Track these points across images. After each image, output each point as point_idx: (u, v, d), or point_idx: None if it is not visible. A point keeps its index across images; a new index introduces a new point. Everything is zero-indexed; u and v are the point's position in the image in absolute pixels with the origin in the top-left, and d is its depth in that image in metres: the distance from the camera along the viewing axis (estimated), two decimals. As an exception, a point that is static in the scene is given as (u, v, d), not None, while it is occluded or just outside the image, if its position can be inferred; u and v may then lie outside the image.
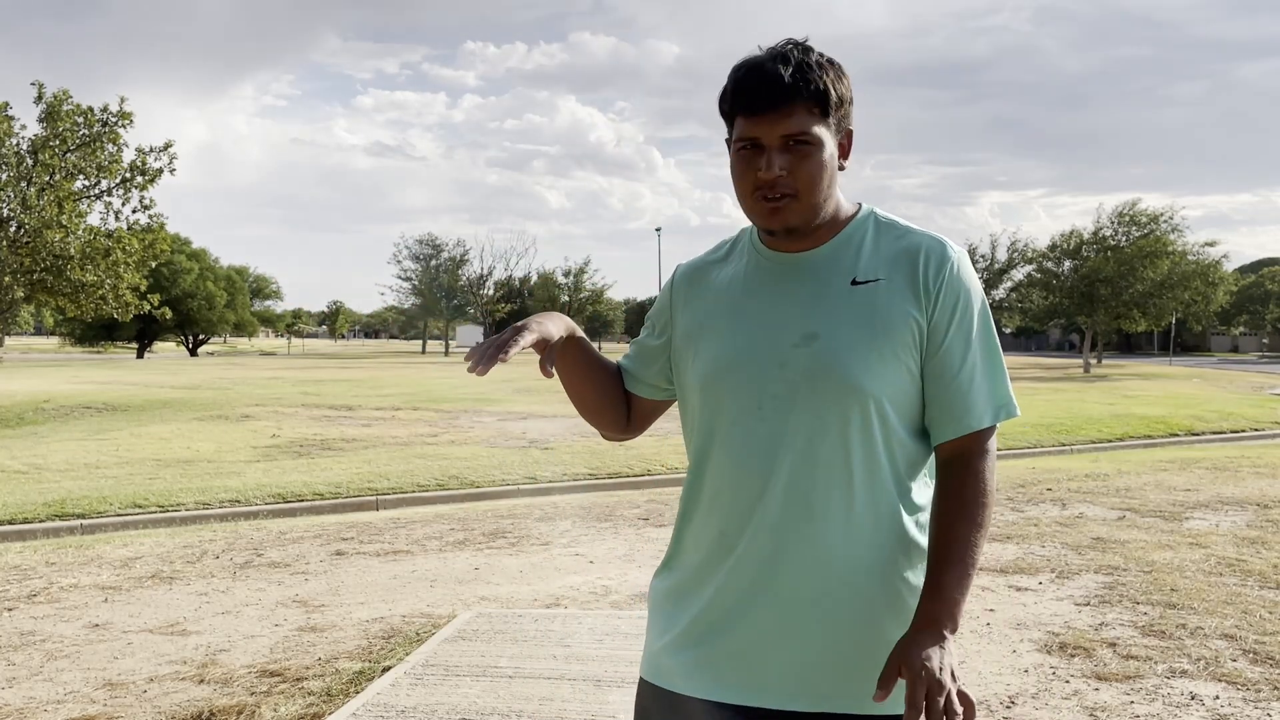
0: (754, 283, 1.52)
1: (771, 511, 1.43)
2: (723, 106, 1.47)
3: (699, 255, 1.67)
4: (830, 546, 1.42)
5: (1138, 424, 15.46)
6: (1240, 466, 9.93)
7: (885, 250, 1.47)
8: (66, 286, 17.98)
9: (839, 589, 1.42)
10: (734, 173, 1.45)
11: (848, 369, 1.41)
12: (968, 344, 1.45)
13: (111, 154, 18.64)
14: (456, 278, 58.36)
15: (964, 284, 1.46)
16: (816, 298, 1.46)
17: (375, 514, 8.64)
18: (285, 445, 12.64)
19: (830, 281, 1.46)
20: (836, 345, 1.42)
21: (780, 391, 1.44)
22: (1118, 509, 7.50)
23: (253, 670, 4.10)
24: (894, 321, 1.42)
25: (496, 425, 14.92)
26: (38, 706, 3.73)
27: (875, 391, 1.41)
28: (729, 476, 1.47)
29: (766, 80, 1.39)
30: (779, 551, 1.43)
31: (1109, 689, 3.70)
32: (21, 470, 10.55)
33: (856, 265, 1.46)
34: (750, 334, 1.48)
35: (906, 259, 1.45)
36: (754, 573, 1.44)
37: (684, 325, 1.58)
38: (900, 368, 1.43)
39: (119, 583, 5.69)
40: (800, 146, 1.40)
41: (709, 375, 1.51)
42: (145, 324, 49.39)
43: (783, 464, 1.43)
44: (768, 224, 1.44)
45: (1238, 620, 4.51)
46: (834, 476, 1.42)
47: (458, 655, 4.17)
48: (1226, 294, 40.97)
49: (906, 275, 1.44)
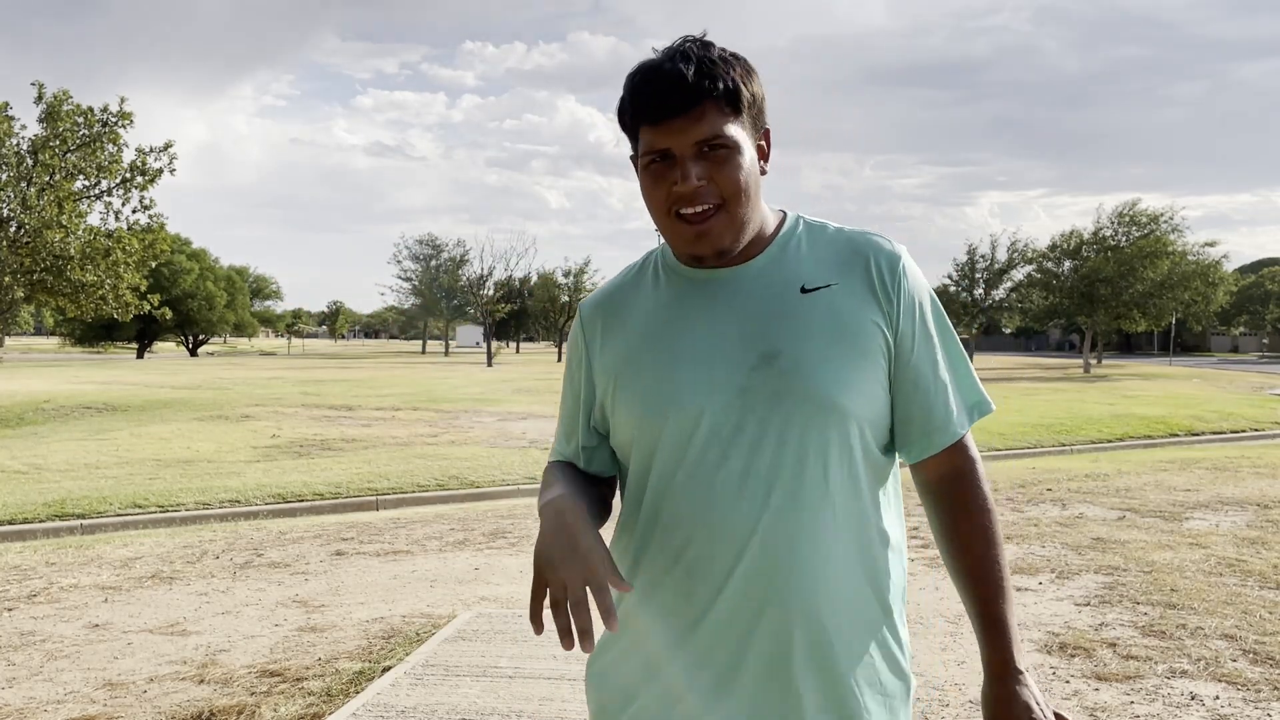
0: (683, 307, 1.33)
1: (755, 566, 1.25)
2: (623, 119, 1.31)
3: (603, 286, 1.47)
4: (822, 597, 1.26)
5: (1138, 424, 15.45)
6: (1240, 467, 9.92)
7: (826, 253, 1.32)
8: (66, 286, 17.98)
9: (833, 643, 1.27)
10: (645, 190, 1.29)
11: (821, 384, 1.24)
12: (931, 343, 1.33)
13: (111, 154, 18.63)
14: (456, 278, 58.31)
15: (919, 283, 1.34)
16: (766, 312, 1.28)
17: (375, 514, 8.63)
18: (285, 445, 12.64)
19: (776, 293, 1.29)
20: (804, 359, 1.25)
21: (744, 423, 1.25)
22: (1118, 509, 7.50)
23: (253, 670, 4.10)
24: (860, 328, 1.27)
25: (496, 425, 14.92)
26: (38, 706, 3.73)
27: (853, 407, 1.26)
28: (693, 532, 1.27)
29: (668, 82, 1.23)
30: (763, 612, 1.25)
31: (1109, 689, 3.70)
32: (21, 470, 10.55)
33: (800, 272, 1.30)
34: (692, 362, 1.29)
35: (854, 261, 1.31)
36: (736, 643, 1.26)
37: (604, 366, 1.38)
38: (875, 379, 1.28)
39: (119, 583, 5.69)
40: (717, 151, 1.24)
41: (646, 417, 1.31)
42: (145, 324, 49.39)
43: (761, 507, 1.25)
44: (694, 248, 1.27)
45: (1238, 620, 4.51)
46: (819, 514, 1.26)
47: (458, 655, 4.17)
48: (1226, 294, 40.97)
49: (860, 278, 1.30)
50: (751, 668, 1.26)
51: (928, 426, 1.32)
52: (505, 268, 51.20)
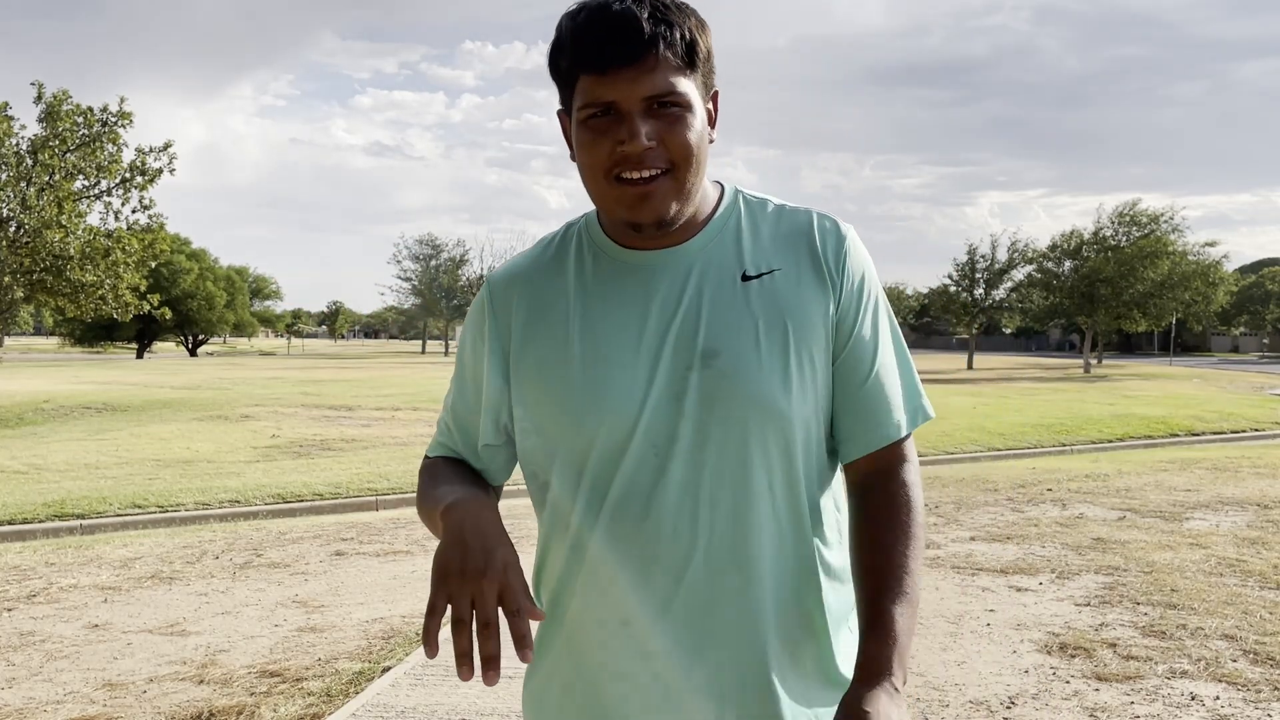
0: (608, 292, 1.18)
1: (699, 587, 1.13)
2: (555, 64, 1.13)
3: (514, 261, 1.28)
4: (766, 616, 1.15)
5: (1138, 424, 15.45)
6: (1240, 467, 9.92)
7: (768, 233, 1.19)
8: (66, 286, 17.97)
9: (775, 661, 1.16)
10: (581, 148, 1.13)
11: (762, 388, 1.12)
12: (876, 335, 1.19)
13: (111, 154, 18.62)
14: (456, 278, 58.41)
15: (867, 268, 1.20)
16: (703, 303, 1.14)
17: (375, 514, 8.63)
18: (285, 445, 12.64)
19: (716, 280, 1.15)
20: (746, 359, 1.12)
21: (682, 431, 1.13)
22: (1118, 509, 7.49)
23: (252, 671, 4.10)
24: (806, 318, 1.15)
25: (496, 425, 14.91)
26: (38, 707, 3.73)
27: (798, 412, 1.14)
28: (627, 552, 1.14)
29: (619, 26, 1.06)
30: (708, 635, 1.14)
31: (1109, 689, 3.70)
32: (21, 470, 10.55)
33: (740, 256, 1.17)
34: (625, 362, 1.15)
35: (798, 241, 1.18)
36: (681, 668, 1.15)
37: (522, 359, 1.21)
38: (818, 375, 1.16)
39: (119, 583, 5.69)
40: (669, 109, 1.09)
41: (575, 425, 1.16)
42: (145, 324, 49.40)
43: (703, 523, 1.13)
44: (635, 215, 1.11)
45: (1238, 621, 4.50)
46: (762, 527, 1.14)
47: (457, 656, 4.17)
48: (1226, 294, 40.99)
49: (805, 260, 1.17)
50: (703, 691, 1.15)
51: (860, 425, 1.19)
52: (505, 267, 51.16)
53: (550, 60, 1.14)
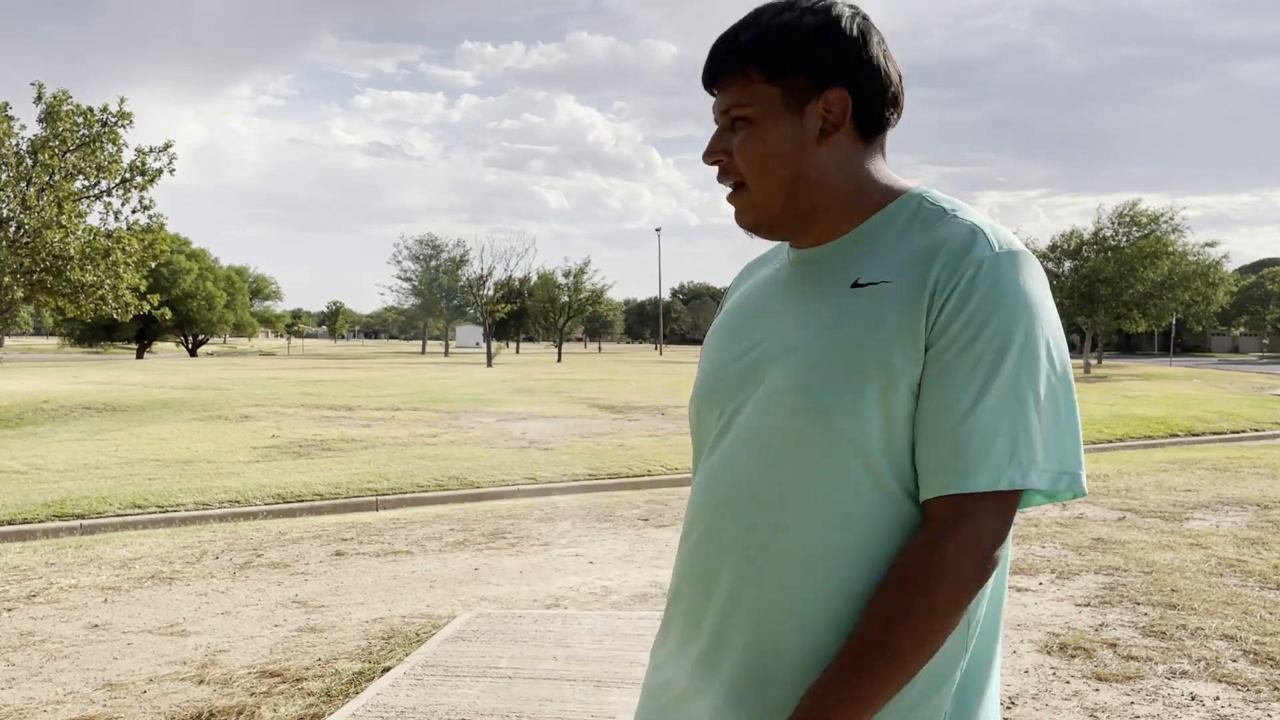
0: (767, 285, 1.26)
1: (725, 579, 1.14)
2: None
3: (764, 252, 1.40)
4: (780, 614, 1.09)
5: (1138, 424, 15.45)
6: (1240, 467, 9.92)
7: (913, 244, 1.10)
8: (66, 287, 17.96)
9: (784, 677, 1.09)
10: None
11: (813, 395, 1.08)
12: (976, 374, 1.03)
13: (111, 154, 18.61)
14: (456, 278, 58.32)
15: (992, 290, 1.04)
16: (811, 303, 1.14)
17: (375, 514, 8.63)
18: (285, 446, 12.64)
19: (833, 282, 1.13)
20: (806, 364, 1.09)
21: (751, 414, 1.13)
22: (1118, 509, 7.49)
23: (252, 671, 4.10)
24: (889, 336, 1.06)
25: (496, 425, 14.92)
26: (37, 707, 3.73)
27: (849, 428, 1.05)
28: (694, 525, 1.21)
29: (715, 49, 1.16)
30: (727, 633, 1.14)
31: (1109, 690, 3.70)
32: (21, 470, 10.55)
33: (865, 263, 1.12)
34: (738, 349, 1.20)
35: (927, 255, 1.08)
36: (703, 658, 1.17)
37: None
38: (890, 398, 1.05)
39: (119, 583, 5.69)
40: (739, 123, 1.15)
41: (695, 391, 1.26)
42: (145, 324, 49.38)
43: (743, 498, 1.13)
44: (737, 221, 1.21)
45: (1238, 621, 4.50)
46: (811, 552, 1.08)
47: (457, 656, 4.17)
48: (1227, 294, 41.00)
49: (919, 276, 1.07)
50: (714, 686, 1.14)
51: (925, 465, 1.05)
52: (505, 268, 51.23)
53: None
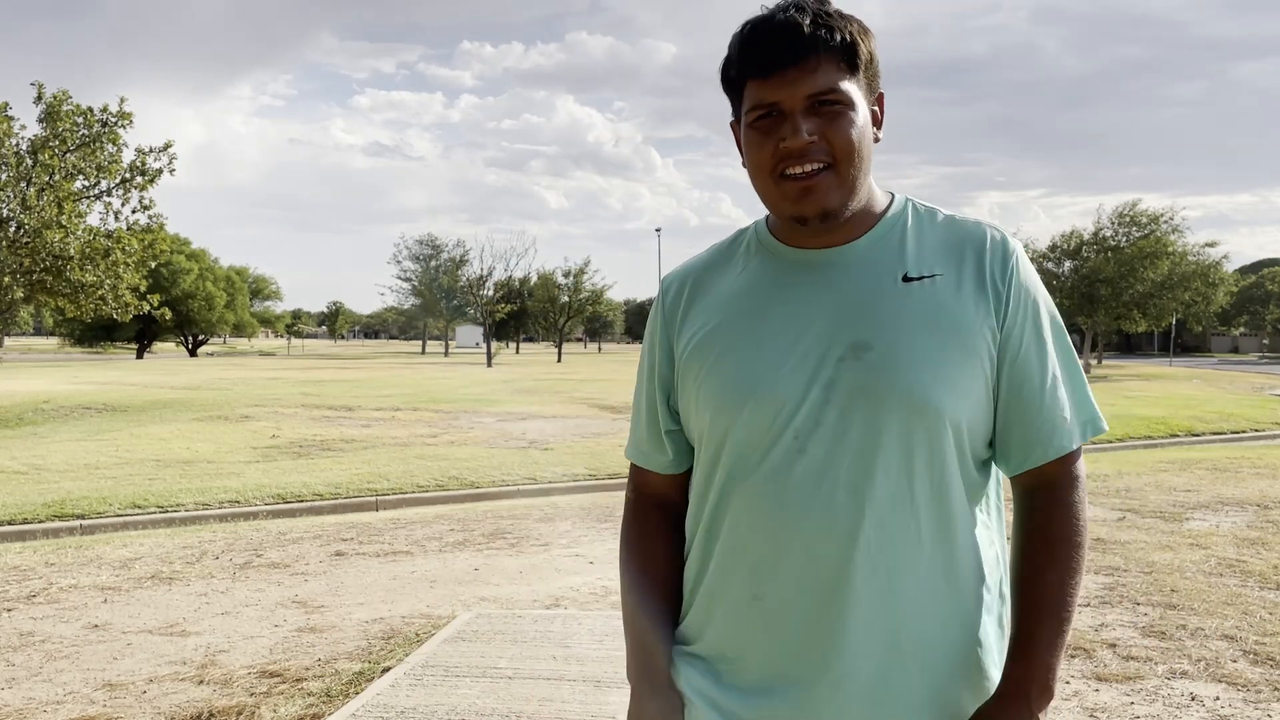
0: (774, 286, 1.24)
1: (823, 570, 1.16)
2: (728, 74, 1.22)
3: (689, 261, 1.37)
4: (897, 611, 1.16)
5: (1138, 425, 15.45)
6: (1240, 467, 9.92)
7: (934, 240, 1.22)
8: (66, 287, 17.95)
9: (908, 662, 1.17)
10: (749, 148, 1.20)
11: (915, 381, 1.14)
12: (1045, 350, 1.20)
13: (111, 154, 18.61)
14: (456, 278, 58.35)
15: (1033, 281, 1.23)
16: (861, 299, 1.19)
17: (375, 514, 8.63)
18: (285, 446, 12.64)
19: (876, 279, 1.19)
20: (898, 354, 1.15)
21: (826, 417, 1.16)
22: (1118, 510, 7.49)
23: (252, 671, 4.10)
24: (964, 323, 1.17)
25: (496, 426, 14.92)
26: (37, 707, 3.73)
27: (950, 409, 1.15)
28: (761, 528, 1.19)
29: (781, 32, 1.14)
30: (833, 620, 1.16)
31: (1109, 690, 3.70)
32: (21, 470, 10.54)
33: (904, 259, 1.20)
34: (778, 349, 1.20)
35: (966, 250, 1.21)
36: (800, 648, 1.18)
37: (685, 346, 1.29)
38: (977, 379, 1.17)
39: (118, 583, 5.69)
40: (830, 107, 1.15)
41: (724, 403, 1.22)
42: (145, 324, 49.38)
43: (834, 508, 1.15)
44: (799, 209, 1.17)
45: (1238, 621, 4.50)
46: (899, 520, 1.16)
47: (457, 656, 4.17)
48: (1227, 295, 40.99)
49: (971, 269, 1.19)
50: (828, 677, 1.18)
51: (1028, 437, 1.20)
52: (505, 268, 51.27)
53: (722, 73, 1.23)
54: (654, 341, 1.36)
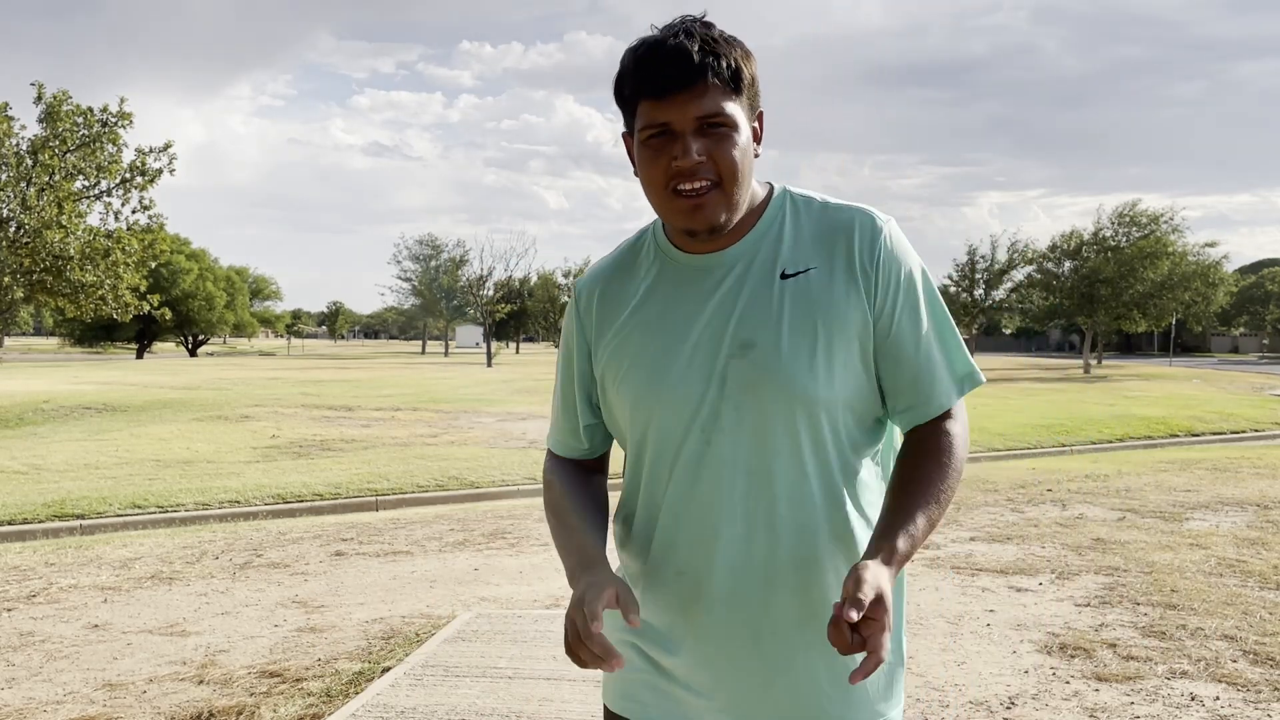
0: (670, 290, 1.37)
1: (735, 547, 1.31)
2: (621, 92, 1.31)
3: (597, 266, 1.49)
4: (804, 570, 1.31)
5: (1138, 425, 15.45)
6: (1240, 467, 9.92)
7: (809, 233, 1.34)
8: (66, 287, 17.96)
9: (821, 611, 1.31)
10: (642, 164, 1.30)
11: (793, 375, 1.27)
12: (918, 320, 1.33)
13: (111, 154, 18.61)
14: (456, 278, 58.31)
15: (902, 255, 1.33)
16: (744, 299, 1.31)
17: (375, 514, 8.63)
18: (285, 446, 12.64)
19: (758, 278, 1.32)
20: (779, 350, 1.28)
21: (724, 411, 1.30)
22: (1118, 510, 7.49)
23: (252, 671, 4.10)
24: (837, 313, 1.29)
25: (496, 426, 14.92)
26: (37, 707, 3.73)
27: (825, 396, 1.29)
28: (681, 511, 1.34)
29: (673, 57, 1.24)
30: (753, 587, 1.31)
31: (1109, 690, 3.70)
32: (21, 470, 10.54)
33: (780, 255, 1.32)
34: (678, 350, 1.33)
35: (836, 239, 1.32)
36: (729, 614, 1.32)
37: (601, 349, 1.42)
38: (851, 365, 1.30)
39: (118, 583, 5.69)
40: (716, 129, 1.26)
41: (638, 401, 1.35)
42: (145, 324, 49.39)
43: (736, 491, 1.30)
44: (689, 223, 1.29)
45: (1238, 621, 4.50)
46: (794, 495, 1.30)
47: (457, 656, 4.17)
48: (1226, 295, 41.00)
49: (842, 258, 1.31)
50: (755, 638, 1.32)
51: (913, 399, 1.34)
52: (505, 268, 51.32)
53: (615, 88, 1.32)
54: (571, 345, 1.48)
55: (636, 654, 1.41)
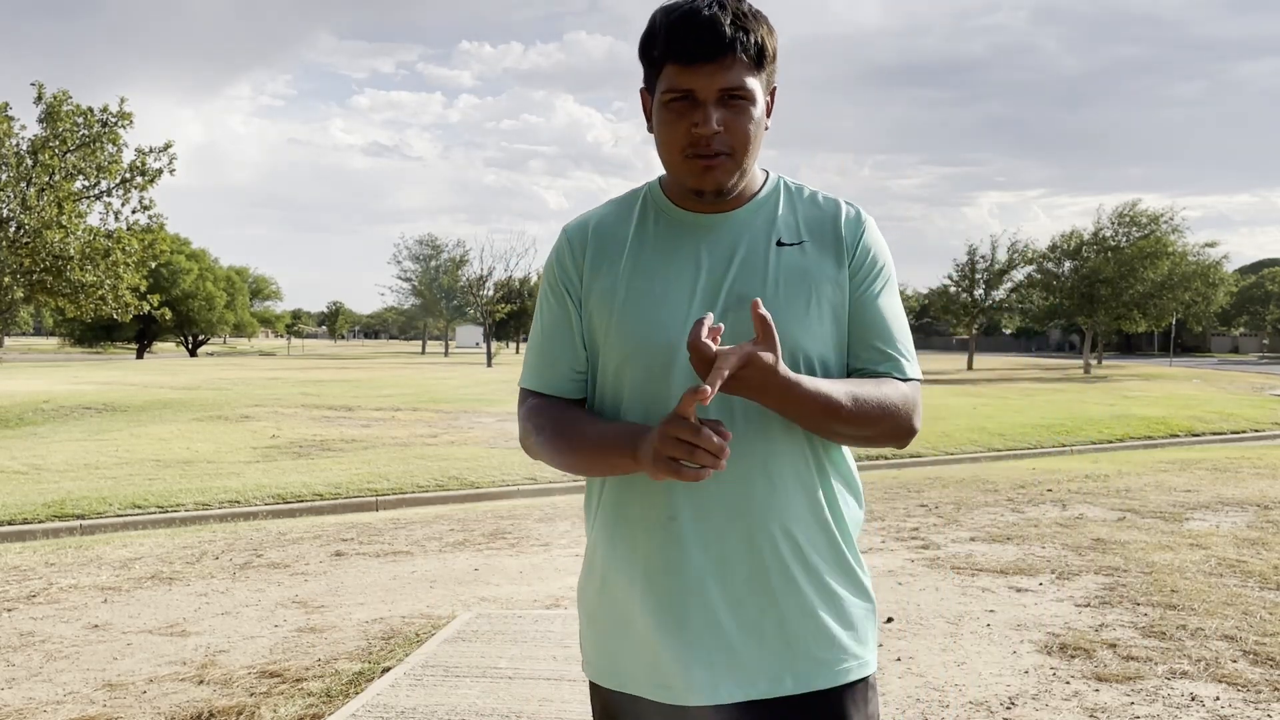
0: (667, 243, 1.43)
1: (730, 489, 1.36)
2: (648, 51, 1.36)
3: (587, 213, 1.52)
4: (791, 517, 1.38)
5: (1138, 425, 15.45)
6: (1240, 467, 9.92)
7: (803, 213, 1.45)
8: (66, 287, 17.95)
9: (806, 558, 1.39)
10: (661, 125, 1.36)
11: (784, 329, 1.33)
12: (883, 293, 1.45)
13: (111, 154, 18.61)
14: (456, 278, 58.33)
15: (878, 247, 1.46)
16: (743, 258, 1.40)
17: (375, 515, 8.63)
18: (285, 446, 12.64)
19: (754, 242, 1.41)
20: (773, 304, 1.35)
21: None
22: (1118, 510, 7.49)
23: (252, 671, 4.10)
24: (822, 280, 1.40)
25: (496, 426, 14.91)
26: (37, 707, 3.73)
27: (814, 350, 1.39)
28: None
29: (706, 28, 1.29)
30: (741, 530, 1.37)
31: (1109, 690, 3.70)
32: (21, 470, 10.54)
33: (778, 227, 1.43)
34: (672, 301, 1.39)
35: (824, 222, 1.44)
36: (718, 556, 1.38)
37: (597, 295, 1.44)
38: (832, 325, 1.41)
39: (118, 583, 5.69)
40: (737, 101, 1.32)
41: (633, 348, 1.40)
42: (145, 324, 49.38)
43: (735, 435, 1.31)
44: (700, 184, 1.36)
45: (1238, 621, 4.50)
46: (785, 442, 1.38)
47: (457, 656, 4.17)
48: (1227, 295, 41.00)
49: (830, 238, 1.43)
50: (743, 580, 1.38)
51: (872, 354, 1.43)
52: (505, 268, 51.30)
53: (642, 45, 1.37)
54: (562, 286, 1.47)
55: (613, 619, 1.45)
